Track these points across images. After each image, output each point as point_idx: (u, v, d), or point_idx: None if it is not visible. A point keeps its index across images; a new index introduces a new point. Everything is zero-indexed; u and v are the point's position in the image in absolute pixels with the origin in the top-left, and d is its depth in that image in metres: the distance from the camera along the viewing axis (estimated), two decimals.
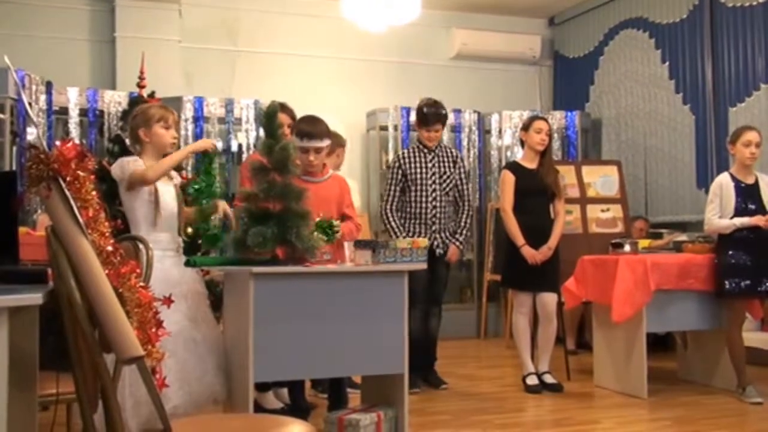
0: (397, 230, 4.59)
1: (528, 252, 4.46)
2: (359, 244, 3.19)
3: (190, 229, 4.17)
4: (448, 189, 4.63)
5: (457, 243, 4.63)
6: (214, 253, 4.36)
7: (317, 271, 2.98)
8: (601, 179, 6.30)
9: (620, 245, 4.66)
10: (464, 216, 4.69)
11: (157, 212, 3.12)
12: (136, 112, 3.27)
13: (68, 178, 1.62)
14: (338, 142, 4.55)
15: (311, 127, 3.47)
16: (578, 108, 7.32)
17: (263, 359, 2.88)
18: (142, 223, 3.13)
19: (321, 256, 3.08)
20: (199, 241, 4.49)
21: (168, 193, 3.20)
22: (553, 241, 4.52)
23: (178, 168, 3.94)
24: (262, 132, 3.51)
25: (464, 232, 4.68)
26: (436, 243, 4.57)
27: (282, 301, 2.92)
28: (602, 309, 4.52)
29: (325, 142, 3.49)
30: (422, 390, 4.48)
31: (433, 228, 4.59)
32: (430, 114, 4.60)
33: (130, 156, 3.23)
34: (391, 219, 4.60)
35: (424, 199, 4.60)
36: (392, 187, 4.66)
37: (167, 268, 3.06)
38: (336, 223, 3.24)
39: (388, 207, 4.64)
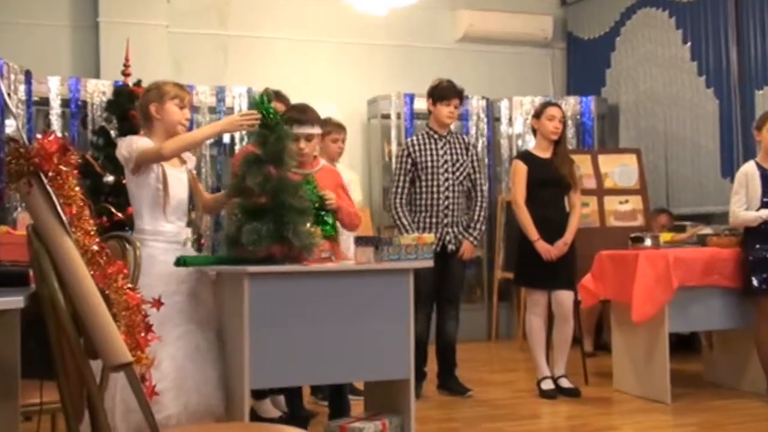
0: (408, 227, 4.54)
1: (542, 247, 4.46)
2: (360, 241, 3.19)
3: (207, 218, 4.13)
4: (461, 178, 4.61)
5: (471, 238, 4.60)
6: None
7: (316, 270, 2.99)
8: (619, 169, 6.29)
9: (640, 239, 4.65)
10: (478, 208, 4.67)
11: (165, 200, 3.09)
12: (150, 87, 3.24)
13: (50, 174, 1.63)
14: (337, 129, 4.55)
15: (300, 114, 3.48)
16: (594, 93, 7.31)
17: (259, 365, 2.88)
18: (146, 213, 3.10)
19: (320, 254, 3.08)
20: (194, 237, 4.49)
21: (178, 179, 3.17)
22: (568, 235, 4.52)
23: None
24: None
25: (479, 226, 4.64)
26: (448, 238, 4.54)
27: (279, 302, 2.93)
28: (621, 308, 4.52)
29: (316, 129, 3.50)
30: (422, 397, 4.49)
31: (445, 221, 4.56)
32: (449, 87, 4.59)
33: (124, 137, 3.22)
34: (401, 215, 4.56)
35: (435, 189, 4.57)
36: (401, 178, 4.63)
37: (171, 263, 3.03)
38: (328, 194, 3.26)
39: (398, 201, 4.60)
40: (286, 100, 4.06)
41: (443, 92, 4.58)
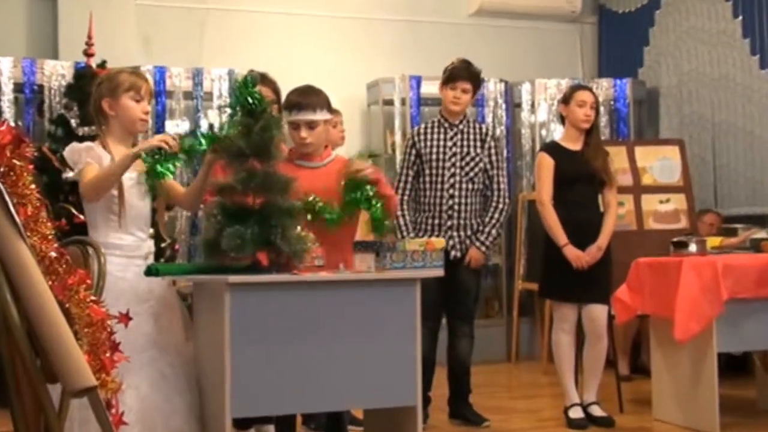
0: (404, 228, 4.59)
1: (572, 253, 4.46)
2: (359, 247, 3.20)
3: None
4: (472, 174, 4.62)
5: (478, 243, 4.60)
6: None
7: (308, 281, 2.99)
8: (660, 163, 6.29)
9: (684, 244, 4.65)
10: (493, 210, 4.66)
11: (121, 210, 3.13)
12: (101, 79, 3.26)
13: (2, 169, 1.64)
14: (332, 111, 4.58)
15: (301, 97, 3.48)
16: (630, 75, 7.31)
17: (243, 390, 2.88)
18: (100, 224, 3.14)
19: (312, 261, 3.09)
20: (162, 245, 4.51)
21: (136, 186, 3.20)
22: (603, 239, 4.52)
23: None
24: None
25: (491, 230, 4.63)
26: (451, 243, 4.54)
27: (265, 317, 2.93)
28: (662, 324, 4.52)
29: (321, 115, 3.49)
30: (430, 426, 4.48)
31: (449, 224, 4.57)
32: (456, 69, 4.60)
33: (80, 141, 3.24)
34: (399, 213, 4.59)
35: (439, 186, 4.59)
36: (404, 172, 4.66)
37: (133, 280, 3.06)
38: (358, 164, 3.27)
39: (398, 198, 4.61)
40: (273, 84, 4.06)
41: (449, 74, 4.60)
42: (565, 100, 4.68)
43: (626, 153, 6.27)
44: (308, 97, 3.49)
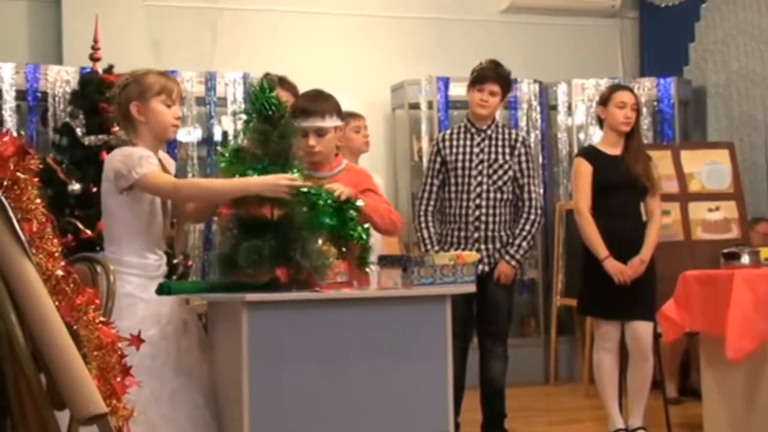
0: (428, 241, 4.58)
1: (613, 267, 4.45)
2: (385, 261, 3.19)
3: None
4: (500, 183, 4.60)
5: (507, 257, 4.57)
6: None
7: (330, 298, 2.99)
8: (708, 168, 6.25)
9: (735, 256, 4.62)
10: (524, 222, 4.63)
11: (155, 228, 3.11)
12: (128, 81, 3.19)
13: (6, 182, 1.65)
14: (354, 117, 4.61)
15: (309, 103, 3.48)
16: (674, 73, 7.28)
17: (261, 417, 2.88)
18: (128, 241, 3.08)
19: (334, 277, 3.09)
20: (175, 261, 4.53)
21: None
22: (646, 251, 4.50)
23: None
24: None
25: (522, 243, 4.60)
26: (478, 257, 4.54)
27: (285, 338, 2.93)
28: (713, 342, 4.48)
29: (331, 122, 3.49)
30: None
31: (476, 236, 4.55)
32: (483, 70, 4.59)
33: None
34: (423, 225, 4.60)
35: (465, 196, 4.57)
36: (429, 181, 4.67)
37: (157, 302, 3.02)
38: (332, 186, 3.15)
39: (422, 208, 4.64)
40: (292, 88, 4.08)
41: (476, 75, 4.60)
42: (603, 101, 4.66)
43: (671, 157, 6.24)
44: (317, 103, 3.48)
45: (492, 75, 4.57)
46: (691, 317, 4.59)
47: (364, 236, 3.25)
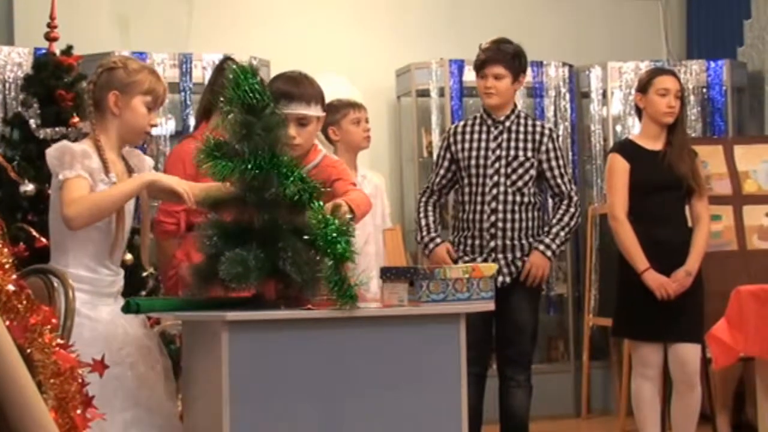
0: (425, 231, 4.61)
1: (654, 280, 4.45)
2: (389, 274, 3.19)
3: (129, 256, 4.20)
4: (520, 184, 4.60)
5: (542, 247, 4.53)
6: None
7: (325, 317, 2.99)
8: (766, 165, 6.26)
9: None
10: (563, 213, 4.59)
11: (116, 242, 3.14)
12: (116, 65, 3.22)
13: None
14: (354, 107, 4.63)
15: (290, 85, 3.48)
16: (727, 55, 7.28)
17: None
18: (73, 249, 3.11)
19: (328, 293, 3.09)
20: (144, 274, 4.53)
21: (128, 208, 3.24)
22: (692, 262, 4.51)
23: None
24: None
25: (560, 233, 4.55)
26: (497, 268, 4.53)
27: (272, 364, 2.94)
28: None
29: (315, 110, 3.50)
30: None
31: (492, 245, 4.55)
32: (483, 51, 4.61)
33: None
34: (421, 214, 4.66)
35: (479, 198, 4.58)
36: (433, 178, 4.72)
37: (108, 323, 3.06)
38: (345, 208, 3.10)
39: (423, 198, 4.71)
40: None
41: (475, 60, 4.64)
42: (642, 87, 4.67)
43: (723, 153, 6.26)
44: (301, 86, 3.49)
45: (492, 56, 4.57)
46: (746, 339, 4.60)
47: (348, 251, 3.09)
